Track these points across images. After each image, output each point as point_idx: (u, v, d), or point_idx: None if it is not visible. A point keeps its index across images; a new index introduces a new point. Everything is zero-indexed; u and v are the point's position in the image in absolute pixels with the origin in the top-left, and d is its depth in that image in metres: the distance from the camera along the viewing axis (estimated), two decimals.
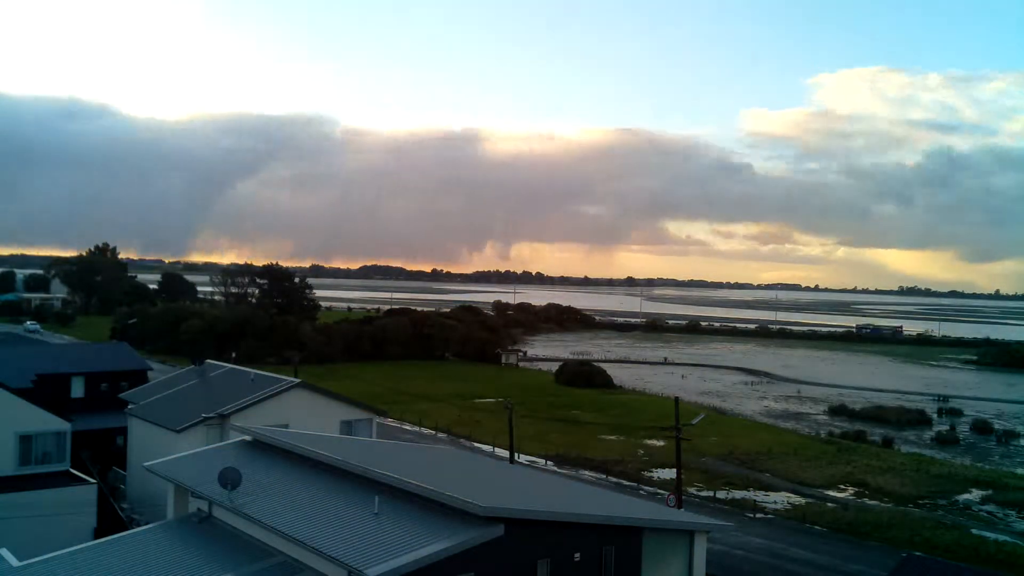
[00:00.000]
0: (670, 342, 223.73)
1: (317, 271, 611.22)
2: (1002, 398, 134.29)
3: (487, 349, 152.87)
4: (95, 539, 30.52)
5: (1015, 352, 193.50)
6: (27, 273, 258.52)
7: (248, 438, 33.55)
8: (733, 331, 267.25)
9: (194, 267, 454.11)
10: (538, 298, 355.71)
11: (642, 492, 59.28)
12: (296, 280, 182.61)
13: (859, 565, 45.08)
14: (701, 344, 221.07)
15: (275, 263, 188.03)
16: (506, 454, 61.46)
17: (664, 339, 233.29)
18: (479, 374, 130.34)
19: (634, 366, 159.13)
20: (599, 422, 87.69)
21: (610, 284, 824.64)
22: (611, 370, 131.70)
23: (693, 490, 60.14)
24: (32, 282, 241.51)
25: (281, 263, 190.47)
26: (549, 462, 68.05)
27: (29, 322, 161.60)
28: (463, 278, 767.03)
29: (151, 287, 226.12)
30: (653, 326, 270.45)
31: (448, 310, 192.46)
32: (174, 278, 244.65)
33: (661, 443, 75.90)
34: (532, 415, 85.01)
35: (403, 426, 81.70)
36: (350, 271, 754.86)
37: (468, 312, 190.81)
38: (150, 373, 65.94)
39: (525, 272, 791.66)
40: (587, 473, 65.34)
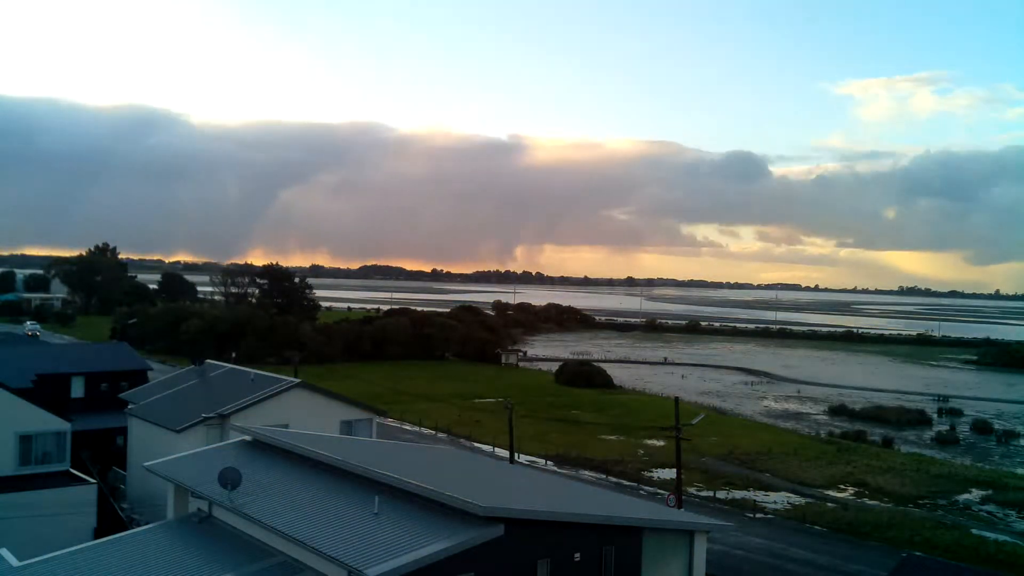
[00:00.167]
0: (670, 342, 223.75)
1: (317, 271, 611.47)
2: (1002, 398, 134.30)
3: (487, 349, 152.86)
4: (95, 539, 30.52)
5: (1015, 352, 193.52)
6: (27, 273, 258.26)
7: (248, 438, 33.56)
8: (733, 331, 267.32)
9: (194, 267, 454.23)
10: (538, 298, 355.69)
11: (642, 492, 59.27)
12: (296, 280, 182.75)
13: (859, 565, 45.06)
14: (701, 344, 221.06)
15: (275, 263, 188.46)
16: (506, 454, 61.47)
17: (664, 339, 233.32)
18: (479, 374, 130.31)
19: (634, 366, 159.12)
20: (599, 422, 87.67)
21: (610, 284, 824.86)
22: (611, 370, 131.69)
23: (693, 490, 60.13)
24: (32, 282, 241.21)
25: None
26: (549, 462, 68.02)
27: (29, 322, 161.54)
28: (463, 278, 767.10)
29: (151, 287, 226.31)
30: (653, 326, 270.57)
31: (448, 310, 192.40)
32: (174, 278, 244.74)
33: (661, 443, 75.90)
34: (532, 415, 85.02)
35: (403, 426, 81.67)
36: (350, 271, 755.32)
37: (468, 312, 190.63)
38: (150, 373, 65.94)
39: (525, 272, 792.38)
40: (587, 473, 65.31)
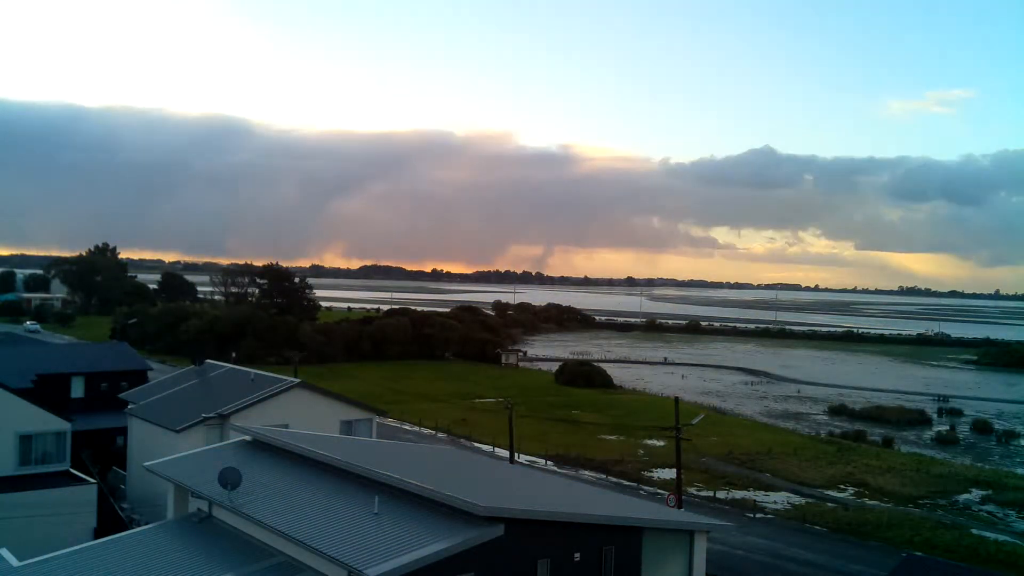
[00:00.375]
0: (670, 342, 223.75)
1: (317, 271, 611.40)
2: (1002, 398, 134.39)
3: (487, 349, 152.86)
4: (95, 539, 30.51)
5: (1015, 352, 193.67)
6: (27, 273, 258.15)
7: (248, 438, 33.55)
8: (733, 331, 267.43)
9: (194, 267, 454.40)
10: (538, 298, 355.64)
11: (642, 492, 59.26)
12: (296, 280, 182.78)
13: (859, 565, 45.05)
14: (701, 344, 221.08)
15: (275, 262, 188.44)
16: (506, 454, 61.50)
17: (664, 339, 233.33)
18: (479, 374, 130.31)
19: (634, 366, 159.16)
20: (599, 422, 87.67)
21: (610, 284, 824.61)
22: (611, 370, 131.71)
23: (693, 490, 60.13)
24: (32, 282, 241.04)
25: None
26: (549, 462, 68.01)
27: (29, 322, 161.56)
28: (463, 278, 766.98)
29: (151, 287, 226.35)
30: (653, 326, 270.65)
31: (448, 310, 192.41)
32: (174, 278, 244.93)
33: (661, 443, 75.91)
34: (532, 415, 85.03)
35: (403, 426, 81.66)
36: (350, 271, 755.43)
37: (468, 312, 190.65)
38: (150, 373, 65.93)
39: (525, 272, 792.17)
40: (587, 473, 65.29)
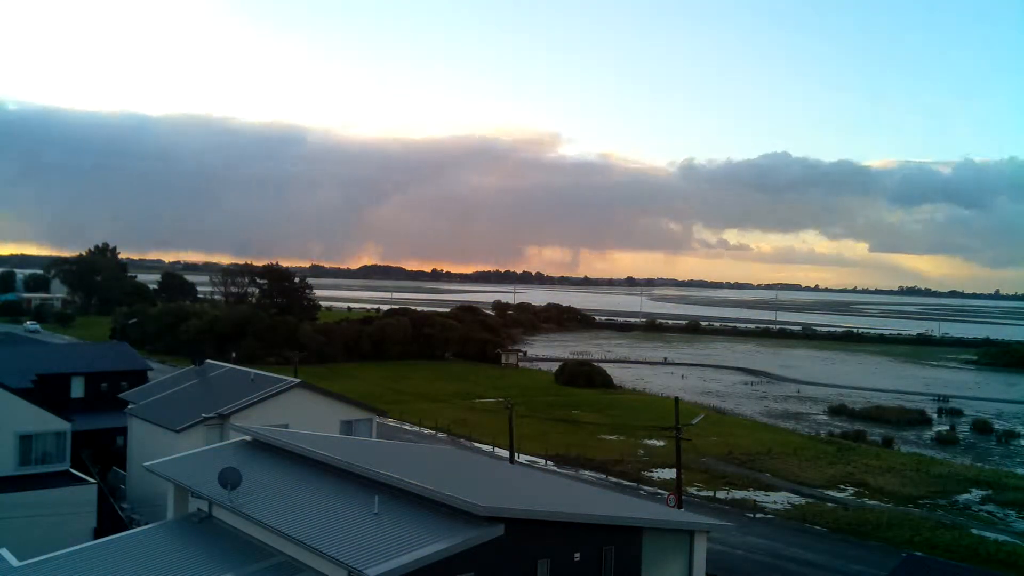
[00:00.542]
0: (670, 342, 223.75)
1: (317, 271, 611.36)
2: (1002, 398, 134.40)
3: (487, 349, 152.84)
4: (95, 539, 30.51)
5: (1015, 352, 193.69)
6: (27, 273, 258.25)
7: (248, 438, 33.54)
8: (733, 331, 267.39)
9: (194, 267, 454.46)
10: (538, 298, 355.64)
11: (642, 492, 59.27)
12: (296, 280, 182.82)
13: (859, 565, 45.06)
14: (701, 344, 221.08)
15: (275, 262, 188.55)
16: (506, 454, 61.49)
17: (664, 339, 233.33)
18: (479, 374, 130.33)
19: (634, 366, 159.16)
20: (599, 422, 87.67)
21: (610, 284, 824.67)
22: (611, 370, 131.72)
23: (693, 490, 60.14)
24: (32, 282, 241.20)
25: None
26: (549, 462, 68.02)
27: (29, 322, 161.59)
28: (463, 278, 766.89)
29: (151, 287, 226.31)
30: (653, 326, 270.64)
31: (448, 310, 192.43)
32: (174, 278, 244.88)
33: (661, 443, 75.92)
34: (532, 415, 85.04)
35: (403, 426, 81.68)
36: (350, 271, 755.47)
37: (468, 312, 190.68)
38: (150, 373, 65.94)
39: (525, 272, 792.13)
40: (587, 473, 65.30)
